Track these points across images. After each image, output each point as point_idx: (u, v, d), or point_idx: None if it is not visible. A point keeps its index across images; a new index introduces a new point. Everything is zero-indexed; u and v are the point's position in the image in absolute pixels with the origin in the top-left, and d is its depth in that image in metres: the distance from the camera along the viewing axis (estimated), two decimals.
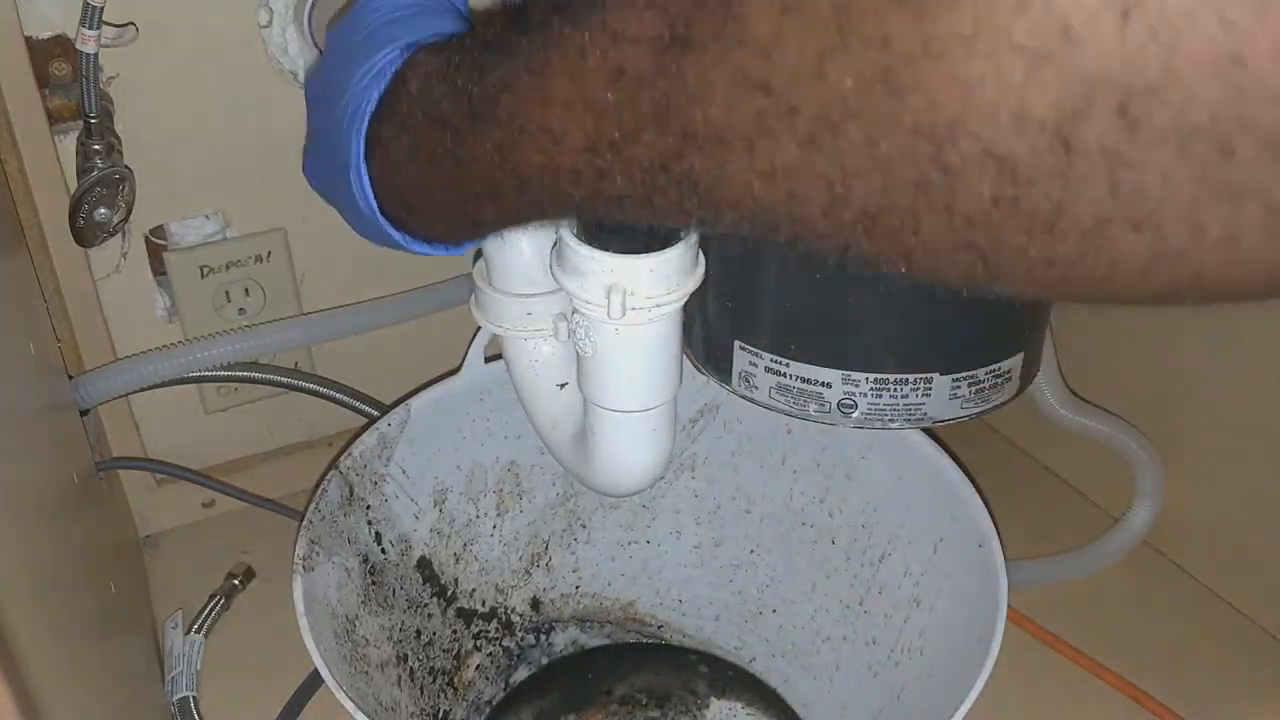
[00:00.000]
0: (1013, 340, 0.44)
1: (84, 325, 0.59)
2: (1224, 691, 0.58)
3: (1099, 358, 0.65)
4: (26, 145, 0.52)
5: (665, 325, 0.39)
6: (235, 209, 0.61)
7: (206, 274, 0.61)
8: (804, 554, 0.58)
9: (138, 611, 0.59)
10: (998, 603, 0.44)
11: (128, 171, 0.54)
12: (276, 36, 0.56)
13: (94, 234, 0.54)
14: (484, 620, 0.59)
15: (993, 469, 0.60)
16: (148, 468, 0.64)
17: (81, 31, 0.49)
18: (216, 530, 0.68)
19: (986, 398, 0.44)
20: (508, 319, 0.45)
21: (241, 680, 0.58)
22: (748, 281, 0.43)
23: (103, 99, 0.53)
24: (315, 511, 0.48)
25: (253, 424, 0.68)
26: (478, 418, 0.56)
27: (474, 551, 0.58)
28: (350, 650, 0.47)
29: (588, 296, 0.38)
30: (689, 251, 0.38)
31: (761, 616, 0.60)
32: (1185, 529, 0.64)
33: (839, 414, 0.44)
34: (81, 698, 0.38)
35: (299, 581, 0.45)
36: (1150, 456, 0.61)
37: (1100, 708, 0.57)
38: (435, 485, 0.56)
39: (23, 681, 0.27)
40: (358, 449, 0.51)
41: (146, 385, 0.58)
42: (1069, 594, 0.63)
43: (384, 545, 0.53)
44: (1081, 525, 0.67)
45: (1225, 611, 0.63)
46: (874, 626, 0.54)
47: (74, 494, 0.49)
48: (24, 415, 0.42)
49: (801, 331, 0.43)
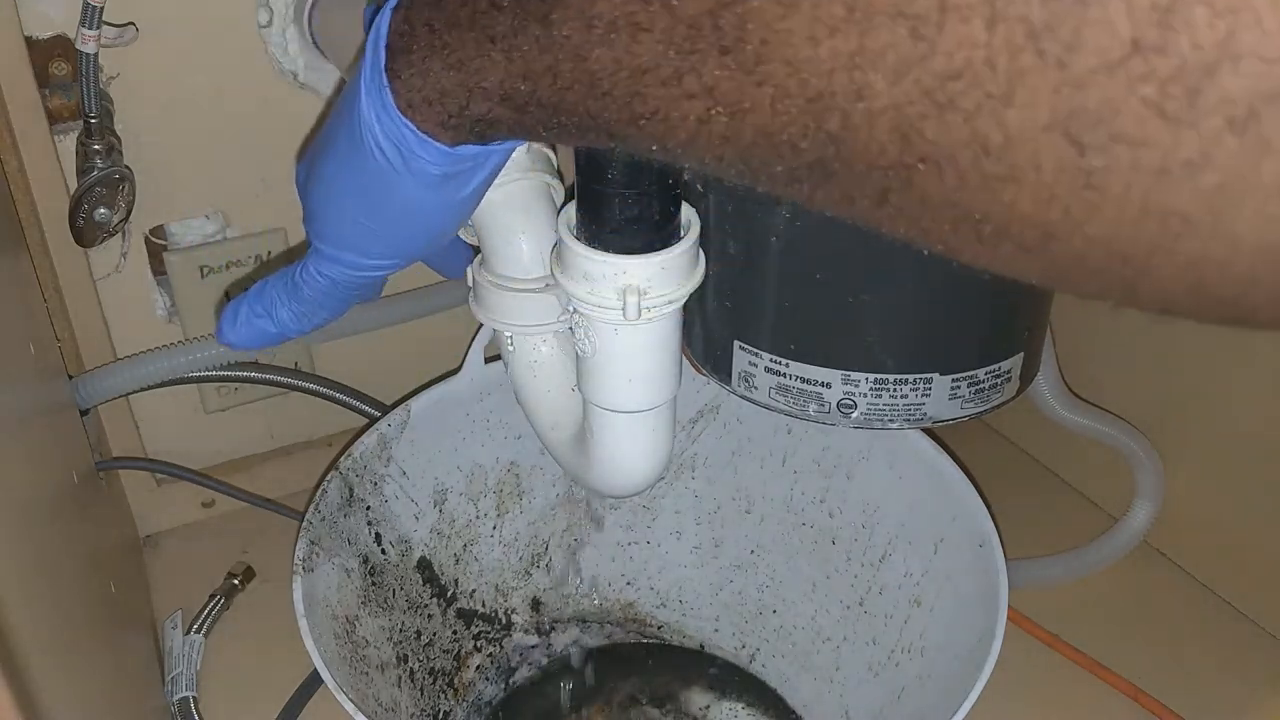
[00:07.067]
0: (1013, 340, 0.44)
1: (84, 325, 0.59)
2: (1224, 691, 0.58)
3: (1099, 358, 0.65)
4: (26, 145, 0.52)
5: (666, 325, 0.39)
6: (235, 209, 0.61)
7: (206, 274, 0.61)
8: (804, 554, 0.58)
9: (138, 611, 0.59)
10: (998, 603, 0.44)
11: (128, 171, 0.54)
12: (276, 36, 0.56)
13: (94, 234, 0.54)
14: (484, 621, 0.59)
15: (993, 469, 0.60)
16: (148, 468, 0.64)
17: (81, 31, 0.49)
18: (216, 530, 0.68)
19: (986, 398, 0.44)
20: (508, 314, 0.45)
21: (241, 680, 0.58)
22: (747, 281, 0.43)
23: (103, 99, 0.53)
24: (315, 512, 0.48)
25: (253, 424, 0.68)
26: (478, 418, 0.56)
27: (474, 552, 0.58)
28: (350, 651, 0.47)
29: (598, 300, 0.37)
30: (694, 246, 0.38)
31: (762, 617, 0.60)
32: (1185, 529, 0.64)
33: (839, 414, 0.44)
34: (81, 698, 0.38)
35: (299, 582, 0.45)
36: (1150, 456, 0.61)
37: (1100, 708, 0.57)
38: (435, 486, 0.56)
39: (23, 681, 0.27)
40: (358, 449, 0.51)
41: (146, 385, 0.58)
42: (1069, 594, 0.63)
43: (384, 546, 0.53)
44: (1081, 525, 0.67)
45: (1225, 611, 0.63)
46: (874, 627, 0.54)
47: (74, 494, 0.49)
48: (24, 415, 0.42)
49: (801, 331, 0.43)
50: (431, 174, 0.34)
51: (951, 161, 0.21)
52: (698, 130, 0.25)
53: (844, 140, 0.22)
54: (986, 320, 0.43)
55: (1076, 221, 0.20)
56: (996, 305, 0.43)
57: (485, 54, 0.29)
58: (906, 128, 0.21)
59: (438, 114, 0.32)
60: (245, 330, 0.42)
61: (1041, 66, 0.18)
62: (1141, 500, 0.61)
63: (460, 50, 0.30)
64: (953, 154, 0.20)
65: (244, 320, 0.42)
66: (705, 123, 0.25)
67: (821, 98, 0.22)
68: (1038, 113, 0.19)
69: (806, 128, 0.22)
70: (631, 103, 0.26)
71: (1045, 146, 0.19)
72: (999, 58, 0.19)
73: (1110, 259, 0.21)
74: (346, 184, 0.36)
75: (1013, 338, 0.44)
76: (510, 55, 0.29)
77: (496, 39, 0.29)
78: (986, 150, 0.20)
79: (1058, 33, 0.18)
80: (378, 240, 0.37)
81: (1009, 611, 0.43)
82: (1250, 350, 0.58)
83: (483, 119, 0.31)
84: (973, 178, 0.21)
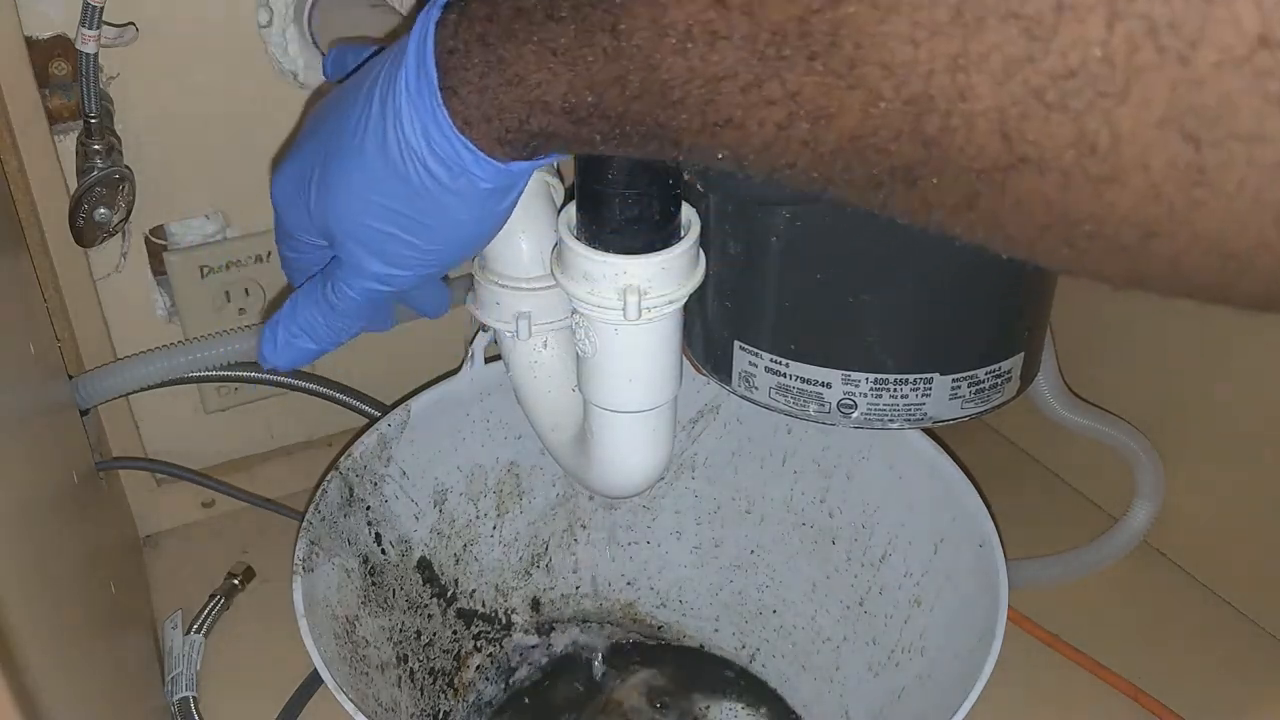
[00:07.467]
0: (1013, 340, 0.44)
1: (84, 325, 0.59)
2: (1224, 691, 0.58)
3: (1099, 358, 0.65)
4: (26, 145, 0.52)
5: (666, 325, 0.39)
6: (235, 209, 0.61)
7: (206, 274, 0.61)
8: (804, 554, 0.58)
9: (138, 611, 0.59)
10: (998, 603, 0.44)
11: (128, 171, 0.54)
12: (276, 36, 0.56)
13: (94, 234, 0.54)
14: (484, 621, 0.59)
15: (993, 469, 0.60)
16: (148, 468, 0.64)
17: (81, 31, 0.49)
18: (216, 530, 0.68)
19: (986, 398, 0.44)
20: (507, 314, 0.45)
21: (241, 680, 0.58)
22: (748, 281, 0.43)
23: (103, 99, 0.53)
24: (315, 512, 0.48)
25: (253, 424, 0.68)
26: (478, 418, 0.56)
27: (474, 552, 0.58)
28: (350, 651, 0.47)
29: (599, 300, 0.37)
30: (694, 246, 0.38)
31: (762, 617, 0.60)
32: (1185, 529, 0.64)
33: (839, 414, 0.44)
34: (81, 698, 0.38)
35: (299, 582, 0.45)
36: (1150, 456, 0.61)
37: (1100, 708, 0.57)
38: (435, 486, 0.56)
39: (23, 681, 0.27)
40: (358, 449, 0.51)
41: (146, 385, 0.58)
42: (1069, 594, 0.63)
43: (384, 546, 0.53)
44: (1081, 525, 0.67)
45: (1225, 611, 0.63)
46: (874, 627, 0.54)
47: (74, 494, 0.49)
48: (24, 415, 0.42)
49: (801, 331, 0.43)
50: (481, 189, 0.33)
51: (1054, 162, 0.20)
52: (775, 136, 0.25)
53: (940, 142, 0.22)
54: (987, 320, 0.43)
55: (1182, 219, 0.20)
56: (997, 305, 0.43)
57: (547, 66, 0.29)
58: (1009, 128, 0.20)
59: (495, 130, 0.31)
60: (287, 352, 0.42)
61: (1160, 63, 0.18)
62: (1141, 500, 0.61)
63: (518, 64, 0.29)
64: (1057, 154, 0.20)
65: (284, 343, 0.42)
66: (785, 128, 0.24)
67: (919, 100, 0.21)
68: (1152, 110, 0.19)
69: (900, 131, 0.22)
70: (705, 110, 0.25)
71: (1156, 143, 0.19)
72: (1117, 55, 0.19)
73: (1211, 257, 0.21)
74: (379, 200, 0.35)
75: (1013, 338, 0.44)
76: (574, 67, 0.28)
77: (559, 51, 0.28)
78: (1094, 149, 0.20)
79: (1181, 29, 0.18)
80: (414, 253, 0.36)
81: (1009, 611, 0.43)
82: (1250, 350, 0.58)
83: (541, 133, 0.31)
84: (1075, 178, 0.20)
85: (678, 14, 0.24)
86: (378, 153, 0.34)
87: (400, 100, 0.32)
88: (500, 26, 0.29)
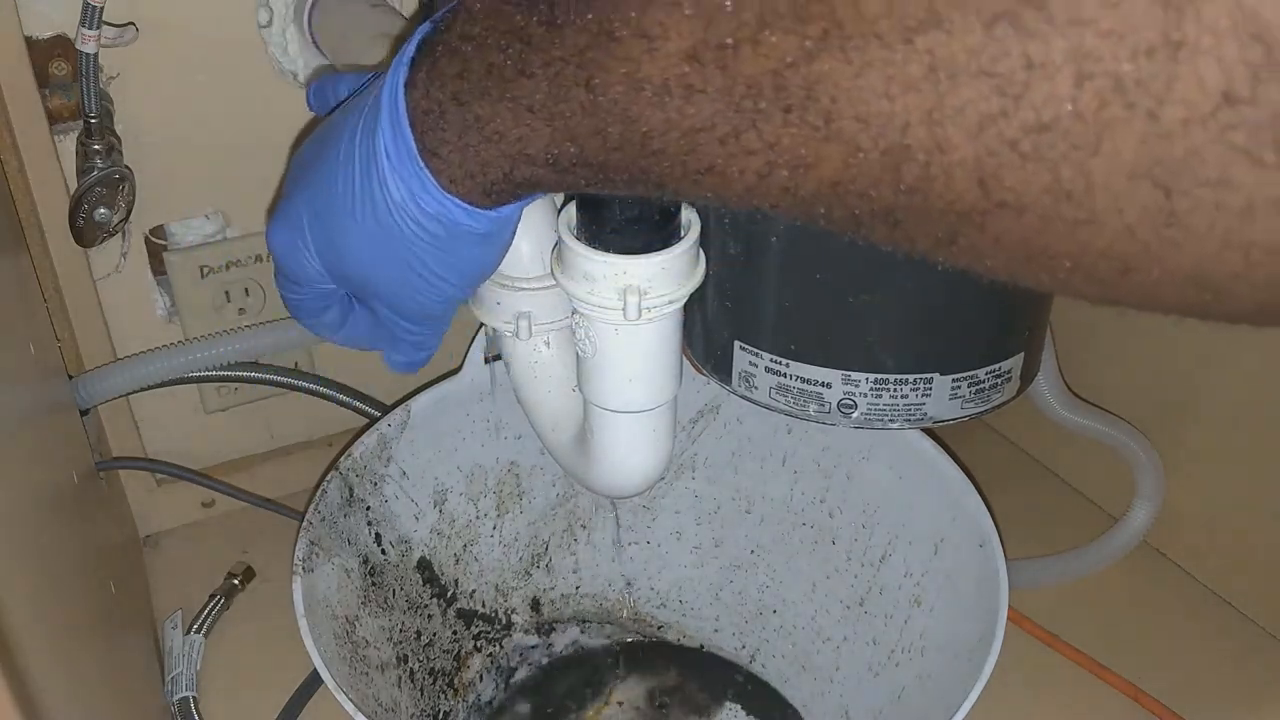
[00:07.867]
0: (1013, 340, 0.44)
1: (84, 325, 0.59)
2: (1224, 691, 0.58)
3: (1099, 358, 0.66)
4: (26, 145, 0.52)
5: (666, 325, 0.39)
6: (235, 209, 0.61)
7: (206, 274, 0.61)
8: (804, 554, 0.58)
9: (138, 611, 0.59)
10: (998, 603, 0.44)
11: (128, 171, 0.54)
12: (276, 36, 0.56)
13: (94, 234, 0.54)
14: (484, 621, 0.59)
15: (993, 469, 0.60)
16: (148, 468, 0.64)
17: (81, 31, 0.49)
18: (216, 530, 0.68)
19: (986, 398, 0.44)
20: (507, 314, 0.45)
21: (241, 680, 0.58)
22: (748, 281, 0.43)
23: (103, 99, 0.53)
24: (315, 512, 0.48)
25: (253, 424, 0.68)
26: (478, 418, 0.56)
27: (474, 552, 0.58)
28: (350, 651, 0.47)
29: (599, 300, 0.37)
30: (694, 246, 0.38)
31: (762, 617, 0.60)
32: (1185, 529, 0.64)
33: (839, 414, 0.44)
34: (81, 698, 0.38)
35: (299, 582, 0.45)
36: (1150, 456, 0.61)
37: (1100, 708, 0.57)
38: (435, 486, 0.56)
39: (23, 681, 0.27)
40: (358, 450, 0.51)
41: (146, 385, 0.58)
42: (1069, 594, 0.63)
43: (384, 546, 0.53)
44: (1081, 525, 0.67)
45: (1225, 611, 0.63)
46: (874, 627, 0.54)
47: (74, 494, 0.49)
48: (24, 415, 0.42)
49: (801, 331, 0.43)
50: (476, 235, 0.34)
51: (1031, 206, 0.21)
52: (757, 183, 0.25)
53: (919, 189, 0.22)
54: (987, 320, 0.43)
55: (1156, 256, 0.21)
56: (997, 305, 0.43)
57: (525, 123, 0.29)
58: (986, 176, 0.21)
59: (481, 185, 0.32)
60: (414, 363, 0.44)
61: (1129, 118, 0.19)
62: (1141, 500, 0.61)
63: (495, 121, 0.29)
64: (1034, 199, 0.21)
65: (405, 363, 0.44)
66: (765, 176, 0.25)
67: (896, 151, 0.22)
68: (1123, 160, 0.19)
69: (879, 179, 0.23)
70: (686, 160, 0.26)
71: (1127, 192, 0.20)
72: (1086, 111, 0.19)
73: (1188, 287, 0.21)
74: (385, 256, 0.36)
75: (1013, 338, 0.44)
76: (552, 122, 0.28)
77: (535, 108, 0.28)
78: (1069, 195, 0.20)
79: (1149, 87, 0.18)
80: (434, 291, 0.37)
81: (1009, 611, 0.43)
82: (1250, 350, 0.58)
83: (526, 182, 0.31)
84: (1052, 220, 0.21)
85: (651, 69, 0.25)
86: (370, 218, 0.34)
87: (383, 168, 0.33)
88: (472, 84, 0.30)
